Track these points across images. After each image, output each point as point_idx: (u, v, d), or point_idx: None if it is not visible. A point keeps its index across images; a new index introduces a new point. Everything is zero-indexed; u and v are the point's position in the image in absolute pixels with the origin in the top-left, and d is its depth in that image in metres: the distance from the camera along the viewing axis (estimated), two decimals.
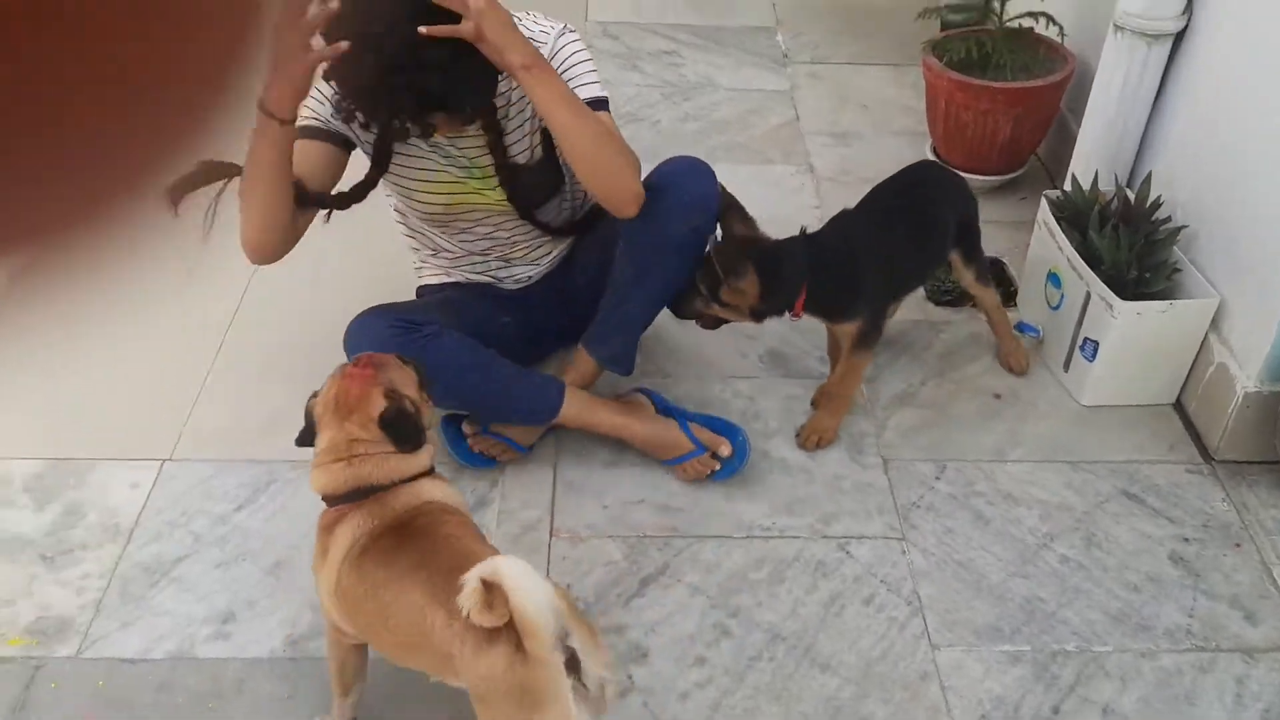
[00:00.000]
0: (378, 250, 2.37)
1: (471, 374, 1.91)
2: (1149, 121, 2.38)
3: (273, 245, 1.73)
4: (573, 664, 1.23)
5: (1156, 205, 2.23)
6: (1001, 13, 2.71)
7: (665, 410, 2.08)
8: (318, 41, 1.51)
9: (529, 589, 1.17)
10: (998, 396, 2.25)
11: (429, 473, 1.50)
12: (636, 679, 1.70)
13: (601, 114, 1.80)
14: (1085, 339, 2.18)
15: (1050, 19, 2.67)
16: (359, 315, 1.90)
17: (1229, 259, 2.10)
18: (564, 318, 2.14)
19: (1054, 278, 2.28)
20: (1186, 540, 1.95)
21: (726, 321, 2.02)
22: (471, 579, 1.17)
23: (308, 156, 1.75)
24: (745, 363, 2.31)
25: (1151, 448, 2.14)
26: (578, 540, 1.92)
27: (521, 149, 1.92)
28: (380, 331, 1.83)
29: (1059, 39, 2.70)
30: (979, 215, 2.20)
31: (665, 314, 2.08)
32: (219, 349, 2.30)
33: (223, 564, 1.87)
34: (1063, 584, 1.87)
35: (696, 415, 2.07)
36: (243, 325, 2.37)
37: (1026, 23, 2.71)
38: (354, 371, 1.48)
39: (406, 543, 1.39)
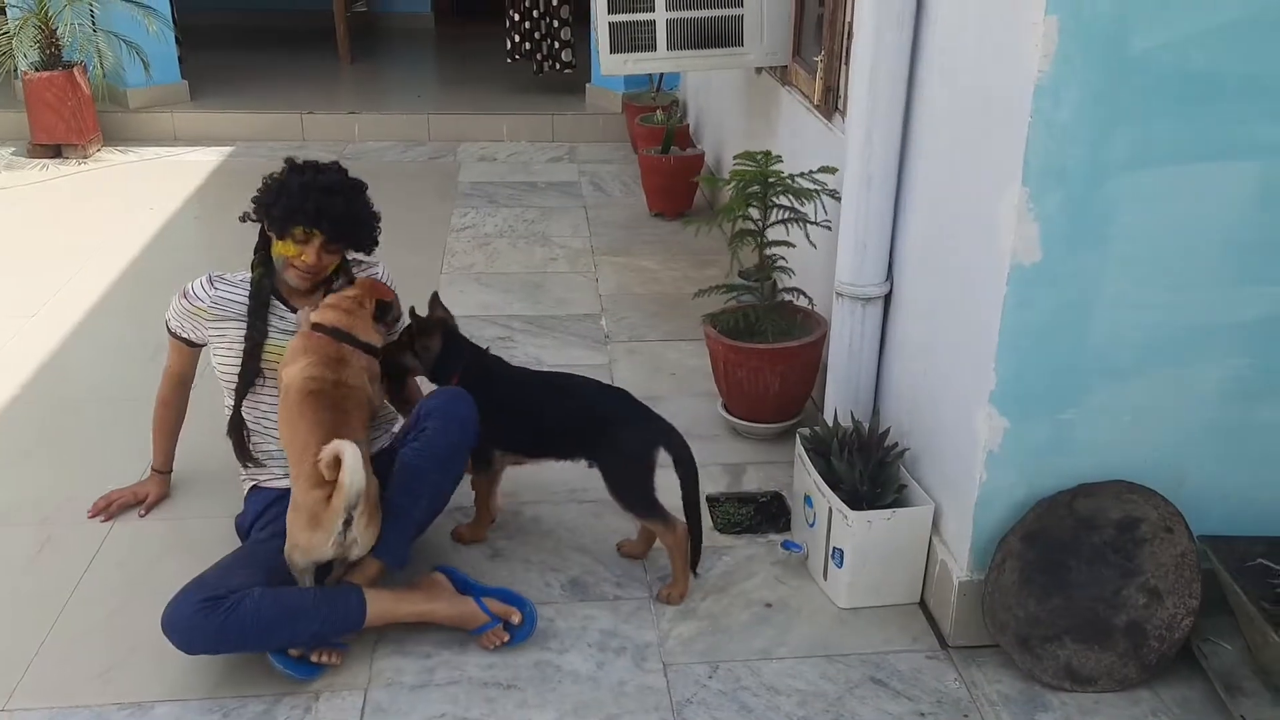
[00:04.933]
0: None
1: (279, 628, 2.21)
2: (880, 367, 2.87)
3: None
4: (347, 523, 2.21)
5: (885, 434, 2.67)
6: (763, 290, 3.25)
7: (463, 585, 2.43)
8: None
9: (353, 471, 2.15)
10: (769, 605, 2.57)
11: (373, 352, 2.50)
12: None
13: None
14: (834, 549, 2.54)
15: (802, 292, 3.23)
16: (170, 602, 2.18)
17: (938, 474, 2.52)
18: None
19: (808, 500, 2.66)
20: (923, 715, 2.24)
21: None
22: (328, 450, 2.16)
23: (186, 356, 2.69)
24: (549, 590, 2.59)
25: (898, 640, 2.46)
26: None
27: None
28: (190, 617, 2.15)
29: (811, 308, 3.24)
30: (633, 456, 2.54)
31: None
32: (62, 610, 2.51)
33: None
34: None
35: (490, 589, 2.44)
36: (88, 588, 2.59)
37: (787, 297, 3.26)
38: (367, 282, 2.58)
39: (327, 404, 2.32)
